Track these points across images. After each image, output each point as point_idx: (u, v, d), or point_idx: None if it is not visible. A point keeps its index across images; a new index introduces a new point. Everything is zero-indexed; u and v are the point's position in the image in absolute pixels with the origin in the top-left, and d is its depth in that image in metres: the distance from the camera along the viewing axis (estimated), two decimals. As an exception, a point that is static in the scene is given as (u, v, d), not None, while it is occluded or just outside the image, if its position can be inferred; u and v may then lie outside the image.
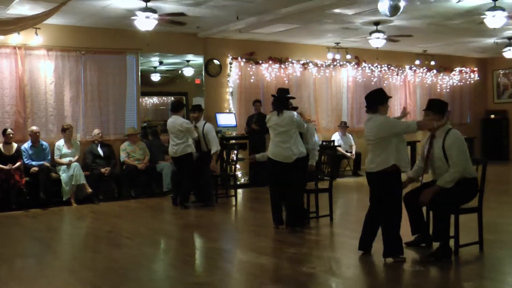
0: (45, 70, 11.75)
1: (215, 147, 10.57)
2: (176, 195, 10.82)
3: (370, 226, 6.63)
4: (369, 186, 6.63)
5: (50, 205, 10.80)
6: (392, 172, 6.33)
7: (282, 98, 8.34)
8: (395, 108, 17.28)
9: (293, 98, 8.75)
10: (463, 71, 19.01)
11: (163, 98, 16.52)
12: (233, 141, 13.07)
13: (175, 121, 10.45)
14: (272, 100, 8.50)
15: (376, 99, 6.56)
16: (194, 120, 10.77)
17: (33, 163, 10.93)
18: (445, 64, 18.44)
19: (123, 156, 11.99)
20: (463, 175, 6.47)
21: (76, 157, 11.41)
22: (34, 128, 11.21)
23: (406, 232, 6.75)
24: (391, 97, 6.98)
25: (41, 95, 11.72)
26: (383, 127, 6.36)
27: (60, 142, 11.42)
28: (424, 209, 6.87)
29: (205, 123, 10.79)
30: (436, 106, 6.80)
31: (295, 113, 8.26)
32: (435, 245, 6.60)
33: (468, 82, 19.12)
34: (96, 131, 11.93)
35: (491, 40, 15.05)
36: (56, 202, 10.97)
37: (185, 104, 11.22)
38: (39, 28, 11.24)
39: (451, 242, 6.43)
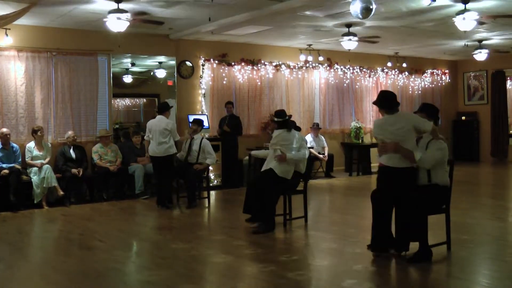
0: (15, 71, 11.60)
1: (212, 160, 11.24)
2: (162, 196, 10.90)
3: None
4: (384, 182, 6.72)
5: (21, 208, 10.65)
6: (410, 169, 6.60)
7: (289, 120, 8.97)
8: (367, 110, 17.42)
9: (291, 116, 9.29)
10: (434, 73, 19.21)
11: (135, 99, 16.44)
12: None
13: (160, 120, 10.69)
14: (278, 124, 8.84)
15: (395, 101, 6.73)
16: (191, 132, 11.22)
17: (4, 165, 10.78)
18: (416, 66, 18.62)
19: (95, 158, 11.89)
20: (437, 182, 6.57)
21: (48, 159, 11.29)
22: (4, 130, 11.06)
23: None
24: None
25: (11, 96, 11.57)
26: (410, 118, 6.64)
27: (31, 144, 11.28)
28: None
29: (202, 138, 11.27)
30: (430, 110, 6.95)
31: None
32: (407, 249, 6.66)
33: (439, 84, 19.34)
34: (70, 133, 11.79)
35: (461, 43, 15.21)
36: (27, 205, 10.82)
37: (171, 107, 11.36)
38: (9, 29, 11.10)
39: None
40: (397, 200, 6.55)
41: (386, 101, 6.73)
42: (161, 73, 14.60)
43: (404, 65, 17.81)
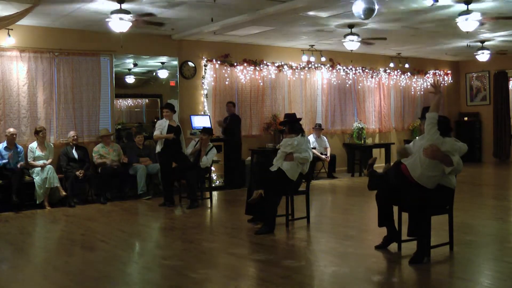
0: (17, 72, 11.62)
1: (206, 164, 11.29)
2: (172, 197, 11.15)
3: None
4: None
5: (23, 208, 10.67)
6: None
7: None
8: (369, 111, 17.41)
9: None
10: (436, 73, 19.20)
11: (138, 100, 16.44)
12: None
13: None
14: (291, 126, 8.67)
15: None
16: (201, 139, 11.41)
17: (9, 163, 10.79)
18: (418, 67, 18.62)
19: (95, 158, 11.88)
20: (443, 183, 6.54)
21: (50, 160, 11.30)
22: (11, 130, 11.06)
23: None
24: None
25: (13, 97, 11.58)
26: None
27: (33, 145, 11.29)
28: (396, 210, 6.93)
29: (213, 147, 11.49)
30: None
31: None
32: (406, 247, 6.66)
33: (441, 85, 19.30)
34: (71, 133, 11.79)
35: (463, 43, 15.20)
36: (29, 205, 10.85)
37: None
38: (12, 29, 11.12)
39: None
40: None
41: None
42: (163, 74, 14.60)
43: (407, 65, 17.84)
